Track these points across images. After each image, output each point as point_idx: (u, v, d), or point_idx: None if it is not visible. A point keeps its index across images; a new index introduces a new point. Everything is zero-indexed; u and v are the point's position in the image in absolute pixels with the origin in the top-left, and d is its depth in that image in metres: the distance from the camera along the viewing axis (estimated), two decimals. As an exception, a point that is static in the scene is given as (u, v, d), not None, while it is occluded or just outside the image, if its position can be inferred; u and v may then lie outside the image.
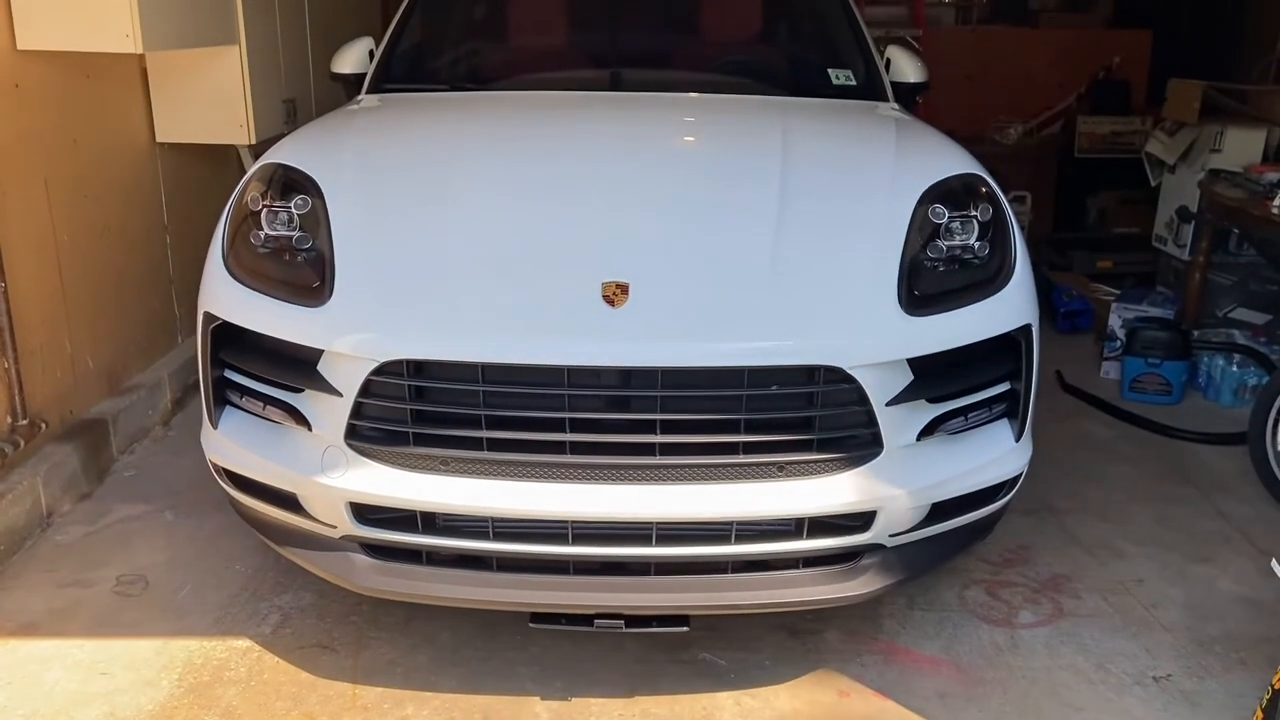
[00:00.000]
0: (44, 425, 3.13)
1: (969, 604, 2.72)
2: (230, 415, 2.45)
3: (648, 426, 2.19)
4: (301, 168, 2.53)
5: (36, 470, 3.02)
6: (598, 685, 2.38)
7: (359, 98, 3.41)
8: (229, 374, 2.42)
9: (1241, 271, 4.62)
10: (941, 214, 2.42)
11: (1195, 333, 4.32)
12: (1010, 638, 2.59)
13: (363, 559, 2.32)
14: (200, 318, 2.44)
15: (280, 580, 2.75)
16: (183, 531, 3.02)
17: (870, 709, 2.32)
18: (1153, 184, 5.21)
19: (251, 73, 3.91)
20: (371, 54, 3.53)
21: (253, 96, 3.91)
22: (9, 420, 3.02)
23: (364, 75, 3.49)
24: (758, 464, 2.20)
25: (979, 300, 2.36)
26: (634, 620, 2.26)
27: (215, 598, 2.69)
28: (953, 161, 2.67)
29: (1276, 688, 2.04)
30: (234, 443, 2.42)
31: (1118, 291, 4.83)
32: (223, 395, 2.45)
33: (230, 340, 2.41)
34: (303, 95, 4.53)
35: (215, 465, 2.50)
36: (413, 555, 2.32)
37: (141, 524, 3.07)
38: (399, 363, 2.18)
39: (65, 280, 3.32)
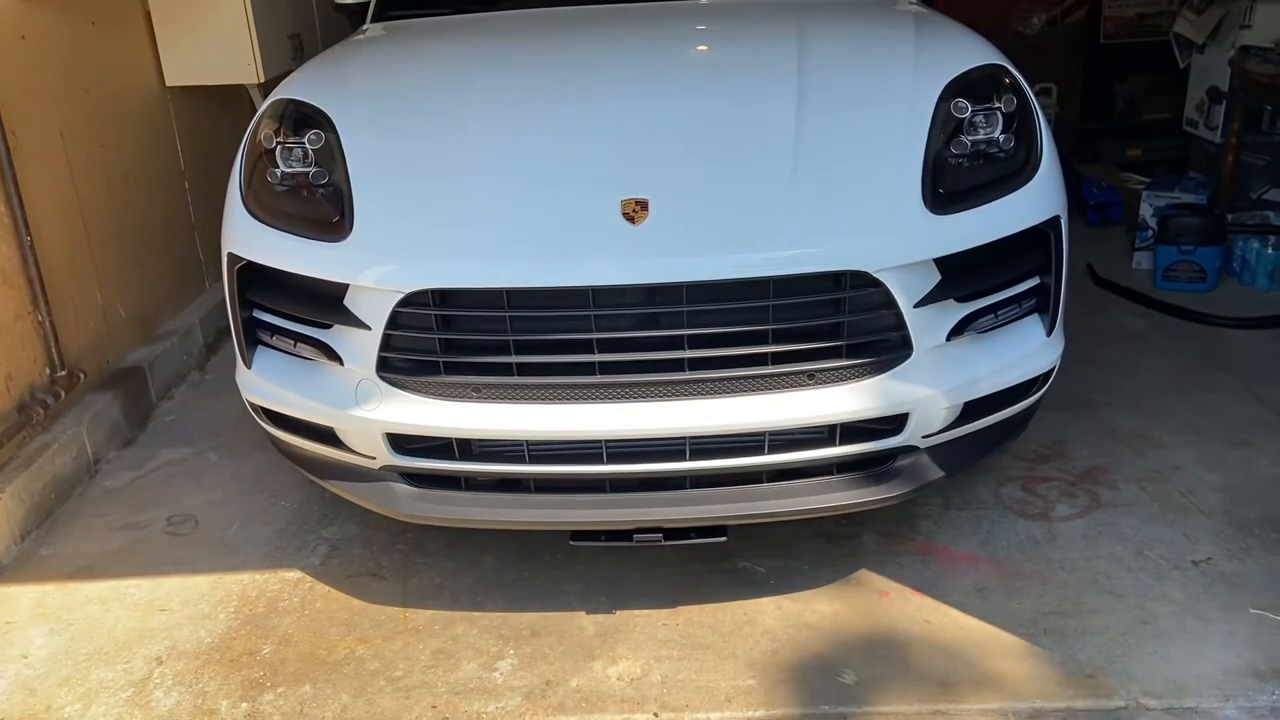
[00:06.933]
0: (83, 375, 3.18)
1: (1005, 501, 2.73)
2: (263, 354, 2.47)
3: (675, 342, 2.18)
4: (312, 102, 2.51)
5: (80, 419, 3.08)
6: (641, 598, 2.43)
7: (364, 27, 3.37)
8: (258, 313, 2.44)
9: (1275, 151, 4.49)
10: (964, 108, 2.36)
11: (1229, 216, 4.23)
12: (1048, 531, 2.60)
13: (403, 488, 2.36)
14: (225, 259, 2.45)
15: (325, 513, 2.81)
16: (227, 471, 3.08)
17: (910, 607, 2.36)
18: (1181, 66, 5.05)
19: (255, 9, 3.86)
20: (374, -19, 3.47)
21: (258, 34, 3.87)
22: (48, 372, 3.06)
23: (368, 4, 3.44)
24: (787, 373, 2.19)
25: (1006, 194, 2.32)
26: (672, 533, 2.28)
27: (264, 533, 2.76)
28: (974, 53, 2.59)
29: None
30: (268, 381, 2.45)
31: (1148, 180, 4.72)
32: (254, 335, 2.47)
33: (257, 280, 2.42)
34: (308, 29, 4.47)
35: (252, 404, 2.54)
36: (452, 481, 2.36)
37: (186, 466, 3.13)
38: (424, 293, 2.18)
39: (90, 231, 3.34)
